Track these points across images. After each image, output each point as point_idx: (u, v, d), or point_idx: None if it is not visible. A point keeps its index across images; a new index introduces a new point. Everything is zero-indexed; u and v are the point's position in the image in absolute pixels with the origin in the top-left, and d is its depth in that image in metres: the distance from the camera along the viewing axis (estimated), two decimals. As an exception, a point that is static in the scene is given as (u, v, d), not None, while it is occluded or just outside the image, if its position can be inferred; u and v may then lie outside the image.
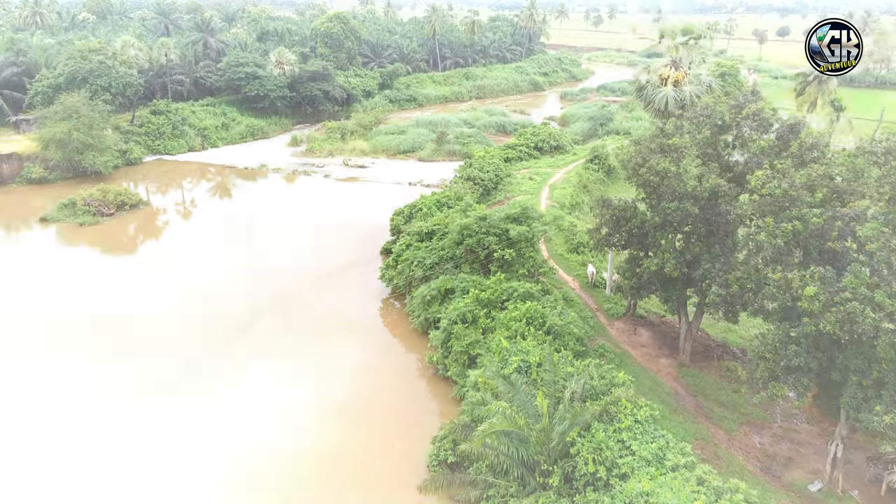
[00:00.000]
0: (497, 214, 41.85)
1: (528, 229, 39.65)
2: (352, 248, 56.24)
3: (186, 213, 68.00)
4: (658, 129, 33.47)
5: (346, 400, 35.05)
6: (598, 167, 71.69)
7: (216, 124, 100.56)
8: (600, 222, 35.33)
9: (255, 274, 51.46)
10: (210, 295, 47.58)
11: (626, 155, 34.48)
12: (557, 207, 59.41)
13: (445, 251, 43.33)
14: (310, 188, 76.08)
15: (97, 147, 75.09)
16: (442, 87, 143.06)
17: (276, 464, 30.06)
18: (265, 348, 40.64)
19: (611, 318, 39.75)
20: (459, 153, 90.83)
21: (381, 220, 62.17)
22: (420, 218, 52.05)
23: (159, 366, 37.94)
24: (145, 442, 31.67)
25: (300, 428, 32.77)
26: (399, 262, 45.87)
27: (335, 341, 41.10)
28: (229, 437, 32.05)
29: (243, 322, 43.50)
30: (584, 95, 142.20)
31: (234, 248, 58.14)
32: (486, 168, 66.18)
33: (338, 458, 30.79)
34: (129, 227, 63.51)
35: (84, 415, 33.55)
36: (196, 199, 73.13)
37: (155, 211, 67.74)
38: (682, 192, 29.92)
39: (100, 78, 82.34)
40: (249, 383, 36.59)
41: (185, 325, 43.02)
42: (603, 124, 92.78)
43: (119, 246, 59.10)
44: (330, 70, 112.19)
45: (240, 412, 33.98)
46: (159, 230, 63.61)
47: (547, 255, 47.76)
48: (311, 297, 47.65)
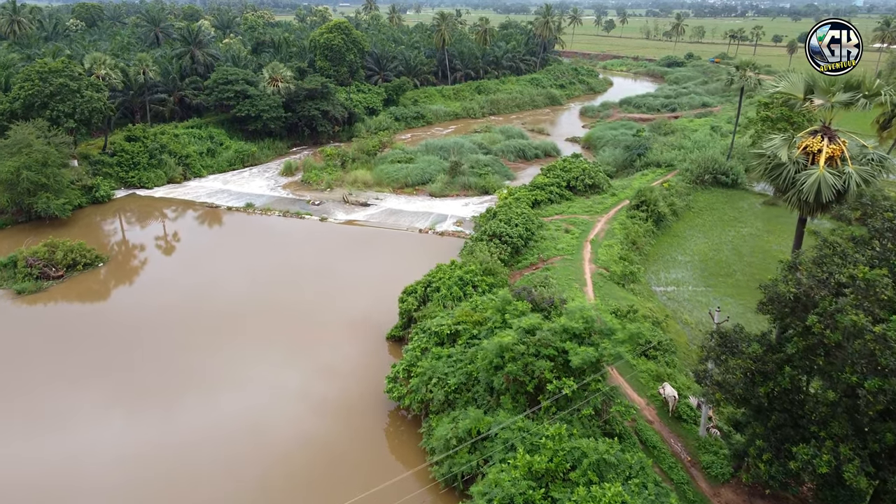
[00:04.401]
0: (551, 326, 30.18)
1: (595, 353, 28.08)
2: (348, 333, 44.72)
3: (149, 278, 55.93)
4: (827, 246, 21.74)
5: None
6: (645, 215, 60.04)
7: (201, 150, 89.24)
8: (720, 372, 23.51)
9: (211, 393, 39.95)
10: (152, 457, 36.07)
11: (772, 285, 22.52)
12: (607, 277, 47.79)
13: (478, 371, 31.77)
14: (302, 237, 64.50)
15: (53, 187, 63.73)
16: (452, 103, 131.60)
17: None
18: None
19: (714, 483, 28.09)
20: (476, 186, 79.54)
21: (386, 286, 50.72)
22: (437, 302, 40.47)
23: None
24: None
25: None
26: (412, 375, 34.33)
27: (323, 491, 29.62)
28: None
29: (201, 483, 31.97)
30: (607, 112, 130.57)
31: (196, 337, 46.41)
32: (514, 220, 54.60)
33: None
34: (75, 301, 51.55)
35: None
36: (164, 254, 61.42)
37: (113, 272, 56.05)
38: (888, 365, 18.08)
39: (62, 103, 70.99)
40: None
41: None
42: (641, 154, 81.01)
43: (58, 330, 47.44)
44: (330, 87, 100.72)
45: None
46: (113, 305, 51.06)
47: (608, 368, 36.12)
48: (292, 417, 36.12)
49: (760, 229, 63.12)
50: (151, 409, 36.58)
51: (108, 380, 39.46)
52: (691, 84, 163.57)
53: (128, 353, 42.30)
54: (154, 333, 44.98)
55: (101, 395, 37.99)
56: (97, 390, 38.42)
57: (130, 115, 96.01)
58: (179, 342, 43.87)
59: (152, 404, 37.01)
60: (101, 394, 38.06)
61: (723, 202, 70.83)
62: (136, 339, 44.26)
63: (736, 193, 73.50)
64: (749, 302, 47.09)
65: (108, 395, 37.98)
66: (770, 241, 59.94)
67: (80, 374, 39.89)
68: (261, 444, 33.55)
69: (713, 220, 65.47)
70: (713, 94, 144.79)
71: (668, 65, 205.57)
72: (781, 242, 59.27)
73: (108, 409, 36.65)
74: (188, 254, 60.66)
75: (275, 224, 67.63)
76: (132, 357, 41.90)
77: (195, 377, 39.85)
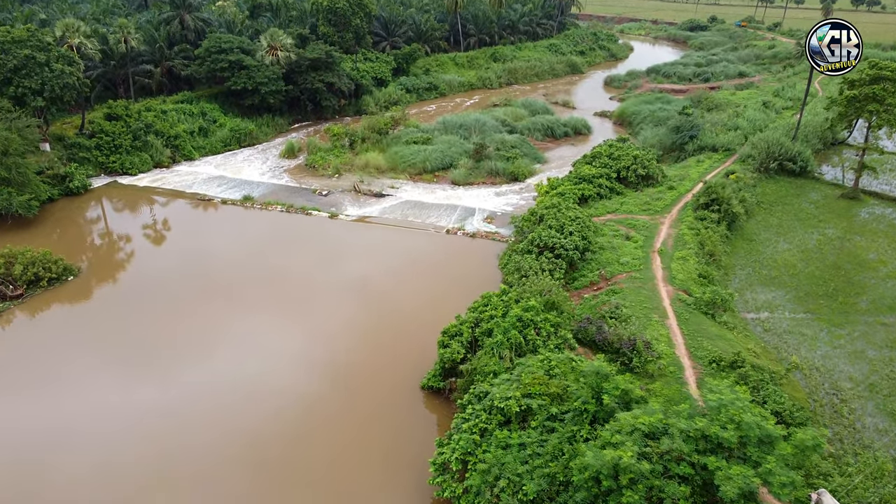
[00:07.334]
0: (681, 427, 21.02)
1: (754, 477, 19.07)
2: (373, 380, 35.80)
3: (129, 292, 46.74)
4: None
5: None
6: (718, 216, 50.59)
7: (192, 129, 79.24)
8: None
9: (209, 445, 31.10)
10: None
11: None
12: (690, 304, 38.59)
13: (565, 473, 22.79)
14: (308, 240, 55.02)
15: (15, 181, 54.16)
16: (466, 71, 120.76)
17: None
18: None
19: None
20: (504, 172, 69.96)
21: (417, 314, 41.78)
22: (489, 352, 31.28)
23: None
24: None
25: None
26: (469, 472, 25.38)
27: None
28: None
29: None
30: (635, 82, 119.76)
31: (185, 373, 37.61)
32: (567, 226, 45.12)
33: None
34: (38, 328, 42.38)
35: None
36: (146, 262, 52.13)
37: (84, 289, 46.64)
38: None
39: (28, 78, 60.92)
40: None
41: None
42: (693, 137, 71.01)
43: (12, 367, 38.39)
44: (334, 56, 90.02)
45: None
46: (85, 335, 41.79)
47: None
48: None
49: (847, 230, 53.78)
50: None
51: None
52: (719, 50, 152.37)
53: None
54: (133, 370, 35.97)
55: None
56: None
57: (113, 87, 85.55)
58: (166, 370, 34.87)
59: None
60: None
61: (793, 194, 61.28)
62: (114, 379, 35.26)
63: (806, 183, 63.87)
64: (869, 336, 38.10)
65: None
66: (863, 247, 50.64)
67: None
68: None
69: (789, 218, 56.03)
70: (746, 62, 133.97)
71: (691, 29, 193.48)
72: (878, 249, 49.99)
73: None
74: (174, 261, 51.22)
75: (277, 222, 58.06)
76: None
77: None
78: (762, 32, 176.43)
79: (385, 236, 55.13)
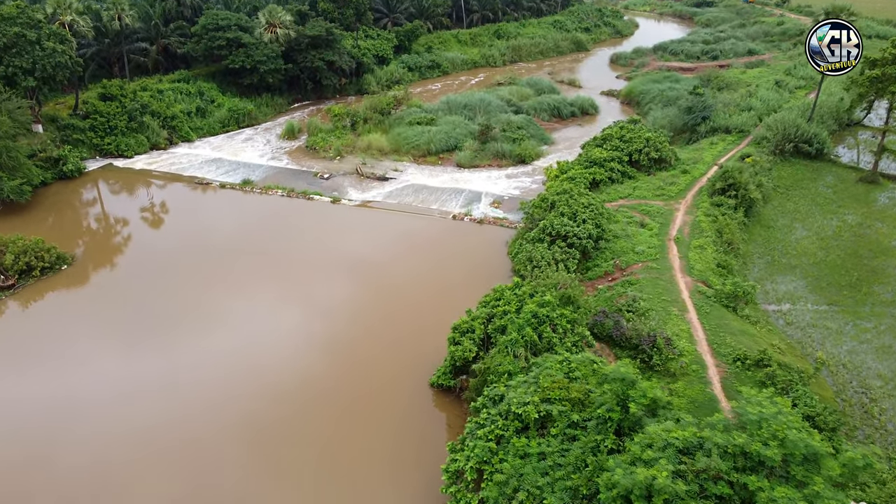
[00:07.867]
0: (718, 441, 19.42)
1: (800, 500, 17.60)
2: (382, 377, 34.32)
3: (124, 279, 45.19)
4: None
5: None
6: (735, 202, 48.78)
7: (189, 109, 77.10)
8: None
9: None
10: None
11: None
12: (710, 296, 36.98)
13: (588, 487, 21.34)
14: (309, 227, 53.27)
15: (5, 165, 52.30)
16: (469, 49, 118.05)
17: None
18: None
19: None
20: (510, 155, 67.91)
21: (424, 305, 40.21)
22: (503, 350, 29.69)
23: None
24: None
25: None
26: (485, 483, 23.92)
27: None
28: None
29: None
30: (642, 60, 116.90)
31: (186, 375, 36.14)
32: (580, 213, 43.32)
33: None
34: (32, 318, 40.86)
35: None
36: (142, 248, 50.43)
37: (80, 277, 45.00)
38: None
39: (18, 57, 58.75)
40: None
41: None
42: (706, 118, 68.87)
43: (8, 357, 36.89)
44: (335, 34, 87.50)
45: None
46: (81, 325, 40.53)
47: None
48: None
49: (867, 216, 51.95)
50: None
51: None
52: (727, 27, 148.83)
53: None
54: (133, 365, 34.47)
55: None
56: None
57: (108, 66, 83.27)
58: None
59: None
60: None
61: (810, 178, 59.36)
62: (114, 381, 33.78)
63: (822, 166, 61.90)
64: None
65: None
66: (885, 233, 48.87)
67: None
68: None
69: (806, 203, 54.20)
70: (755, 40, 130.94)
71: (697, 4, 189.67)
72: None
73: None
74: (171, 247, 49.52)
75: (277, 207, 56.26)
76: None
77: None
78: (770, 8, 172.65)
79: (389, 223, 53.35)
